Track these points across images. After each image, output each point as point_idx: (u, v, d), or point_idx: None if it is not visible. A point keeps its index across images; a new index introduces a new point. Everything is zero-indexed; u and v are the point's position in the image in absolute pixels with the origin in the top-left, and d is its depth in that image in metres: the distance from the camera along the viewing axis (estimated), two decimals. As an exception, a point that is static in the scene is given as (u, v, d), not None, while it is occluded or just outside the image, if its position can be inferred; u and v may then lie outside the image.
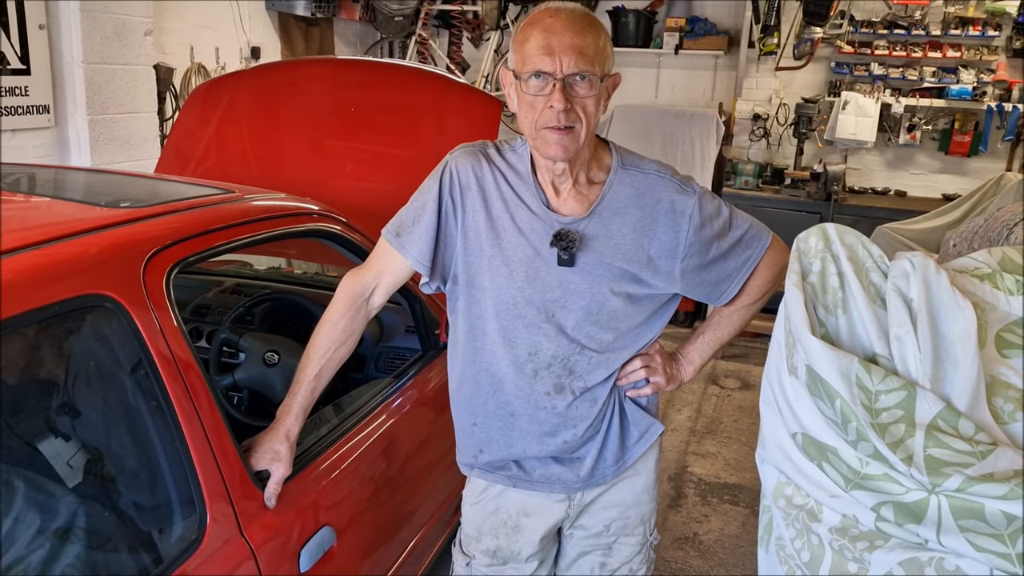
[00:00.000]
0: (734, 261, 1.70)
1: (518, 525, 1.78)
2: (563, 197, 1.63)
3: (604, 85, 1.54)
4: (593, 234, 1.61)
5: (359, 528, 1.83)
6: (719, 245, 1.67)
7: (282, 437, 1.63)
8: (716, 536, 3.36)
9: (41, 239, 1.32)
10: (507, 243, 1.63)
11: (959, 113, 5.93)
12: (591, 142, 1.60)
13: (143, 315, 1.37)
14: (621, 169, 1.64)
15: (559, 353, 1.65)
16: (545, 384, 1.67)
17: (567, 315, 1.64)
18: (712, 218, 1.66)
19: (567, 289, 1.62)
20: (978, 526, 1.16)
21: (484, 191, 1.65)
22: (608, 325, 1.66)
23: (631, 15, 6.42)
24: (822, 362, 1.31)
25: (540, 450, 1.72)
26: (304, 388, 1.69)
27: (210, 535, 1.39)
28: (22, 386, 1.30)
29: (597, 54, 1.50)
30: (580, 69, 1.48)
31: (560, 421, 1.70)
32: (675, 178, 1.66)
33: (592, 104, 1.51)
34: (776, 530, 1.47)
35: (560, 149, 1.53)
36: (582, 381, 1.68)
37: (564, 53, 1.47)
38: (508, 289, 1.64)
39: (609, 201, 1.62)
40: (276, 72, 3.55)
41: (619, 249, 1.62)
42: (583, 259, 1.61)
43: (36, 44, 3.48)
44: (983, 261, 1.43)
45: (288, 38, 5.65)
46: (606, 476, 1.77)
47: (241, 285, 2.84)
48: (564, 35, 1.48)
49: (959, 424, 1.23)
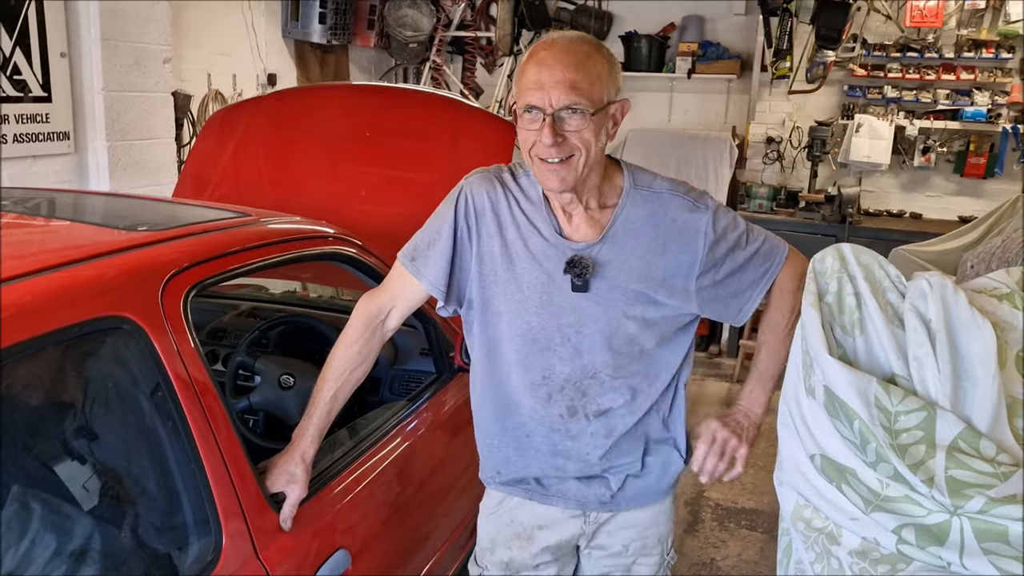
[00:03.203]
0: (751, 275, 1.67)
1: (531, 537, 1.79)
2: (575, 223, 1.63)
3: (606, 113, 1.53)
4: (606, 259, 1.61)
5: (374, 551, 1.82)
6: (734, 259, 1.65)
7: (298, 459, 1.63)
8: (734, 561, 3.32)
9: (61, 262, 1.33)
10: (520, 269, 1.64)
11: (974, 135, 5.92)
12: (599, 168, 1.59)
13: (161, 337, 1.38)
14: (634, 190, 1.64)
15: (572, 376, 1.66)
16: (559, 407, 1.68)
17: (582, 339, 1.64)
18: (726, 233, 1.64)
19: (582, 314, 1.62)
20: (1002, 548, 1.15)
21: (499, 217, 1.66)
22: (623, 350, 1.65)
23: (643, 40, 6.47)
24: (840, 382, 1.31)
25: (556, 471, 1.73)
26: (320, 410, 1.70)
27: (226, 557, 1.38)
28: (41, 407, 1.31)
29: (593, 85, 1.48)
30: (570, 103, 1.47)
31: (574, 444, 1.70)
32: (688, 196, 1.65)
33: (590, 134, 1.50)
34: (795, 554, 1.45)
35: (556, 180, 1.53)
36: (595, 404, 1.67)
37: (554, 88, 1.46)
38: (522, 314, 1.65)
39: (622, 224, 1.62)
40: (292, 98, 3.59)
41: (633, 272, 1.61)
42: (597, 285, 1.61)
43: (57, 72, 3.54)
44: (1001, 281, 1.42)
45: (304, 65, 5.72)
46: (623, 505, 1.77)
47: (257, 309, 2.86)
48: (555, 69, 1.47)
49: (980, 445, 1.22)
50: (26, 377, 1.25)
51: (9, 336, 1.16)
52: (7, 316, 1.17)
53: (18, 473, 1.30)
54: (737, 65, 6.33)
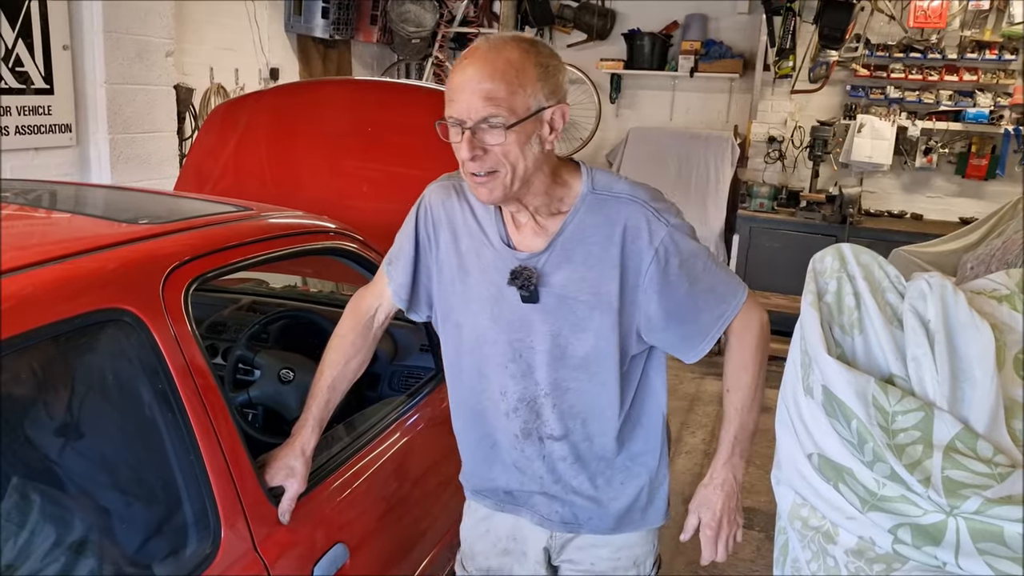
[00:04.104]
0: (707, 314, 1.55)
1: (507, 549, 1.76)
2: (524, 232, 1.55)
3: (537, 121, 1.41)
4: (552, 270, 1.51)
5: (372, 546, 1.82)
6: (687, 288, 1.51)
7: (297, 452, 1.63)
8: (730, 560, 3.30)
9: (62, 254, 1.34)
10: (473, 280, 1.59)
11: (976, 136, 5.92)
12: (541, 176, 1.47)
13: (161, 329, 1.38)
14: (591, 195, 1.51)
15: (525, 396, 1.59)
16: (515, 426, 1.62)
17: (533, 356, 1.56)
18: (682, 255, 1.50)
19: (531, 329, 1.54)
20: (997, 549, 1.15)
21: (454, 226, 1.61)
22: (577, 370, 1.56)
23: (646, 38, 6.47)
24: (838, 382, 1.31)
25: (520, 485, 1.69)
26: (318, 402, 1.70)
27: (224, 549, 1.39)
28: (42, 398, 1.31)
29: (513, 95, 1.36)
30: (486, 115, 1.36)
31: (529, 465, 1.65)
32: (650, 204, 1.51)
33: (513, 147, 1.39)
34: (792, 552, 1.46)
35: (485, 194, 1.44)
36: (548, 427, 1.60)
37: (470, 100, 1.36)
38: (476, 328, 1.60)
39: (572, 231, 1.51)
40: (294, 92, 3.59)
41: (584, 283, 1.51)
42: (545, 297, 1.52)
43: (60, 64, 3.54)
44: (1001, 283, 1.42)
45: (306, 59, 5.72)
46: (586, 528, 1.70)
47: (257, 303, 2.86)
48: (472, 80, 1.37)
49: (977, 446, 1.22)
50: (27, 368, 1.26)
51: (11, 327, 1.16)
52: (9, 307, 1.17)
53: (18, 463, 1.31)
54: (740, 64, 6.33)
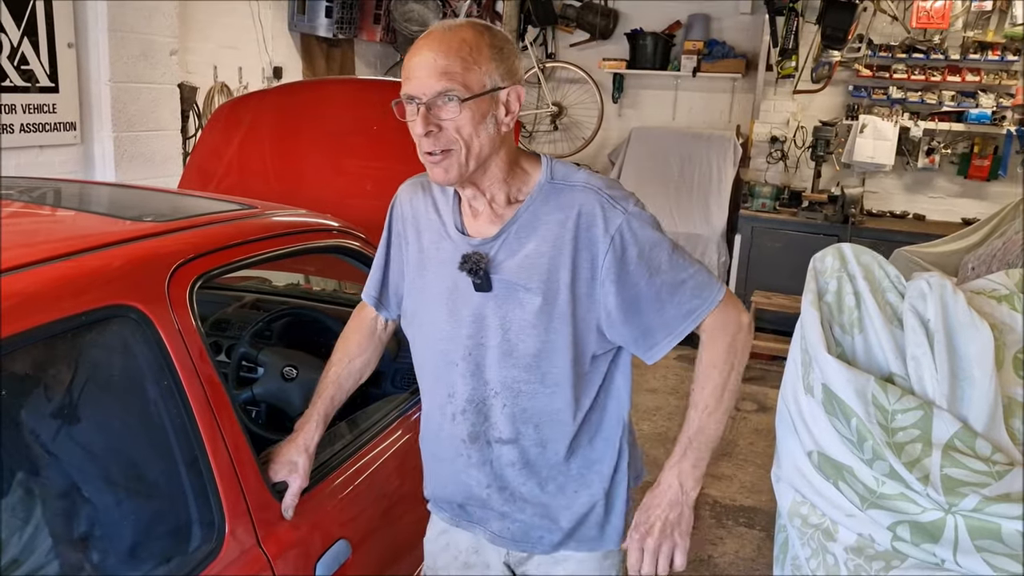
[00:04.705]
0: (673, 309, 1.46)
1: (469, 563, 1.71)
2: (480, 220, 1.51)
3: (492, 100, 1.40)
4: (504, 256, 1.47)
5: (374, 543, 1.83)
6: (648, 280, 1.44)
7: (301, 448, 1.63)
8: (731, 559, 3.33)
9: (69, 251, 1.35)
10: (431, 275, 1.56)
11: (978, 137, 5.92)
12: (499, 160, 1.45)
13: (167, 326, 1.39)
14: (548, 184, 1.48)
15: (474, 396, 1.53)
16: (461, 429, 1.56)
17: (483, 354, 1.51)
18: (641, 244, 1.44)
19: (483, 323, 1.50)
20: (995, 546, 1.16)
21: (418, 222, 1.60)
22: (529, 368, 1.49)
23: (649, 37, 6.48)
24: (838, 381, 1.32)
25: (465, 498, 1.64)
26: (323, 398, 1.71)
27: (228, 545, 1.40)
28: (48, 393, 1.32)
29: (468, 71, 1.36)
30: (440, 89, 1.36)
31: (476, 473, 1.58)
32: (606, 192, 1.45)
33: (467, 125, 1.38)
34: (792, 549, 1.47)
35: (440, 174, 1.42)
36: (497, 431, 1.54)
37: (426, 75, 1.36)
38: (434, 325, 1.56)
39: (526, 219, 1.47)
40: (298, 91, 3.60)
41: (535, 268, 1.45)
42: (497, 284, 1.48)
43: (64, 63, 3.55)
44: (1001, 283, 1.43)
45: (310, 58, 5.73)
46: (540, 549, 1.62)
47: (260, 301, 2.87)
48: (427, 56, 1.37)
49: (976, 444, 1.23)
50: (35, 364, 1.27)
51: (19, 323, 1.17)
52: (16, 304, 1.19)
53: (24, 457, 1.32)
54: (742, 64, 6.33)
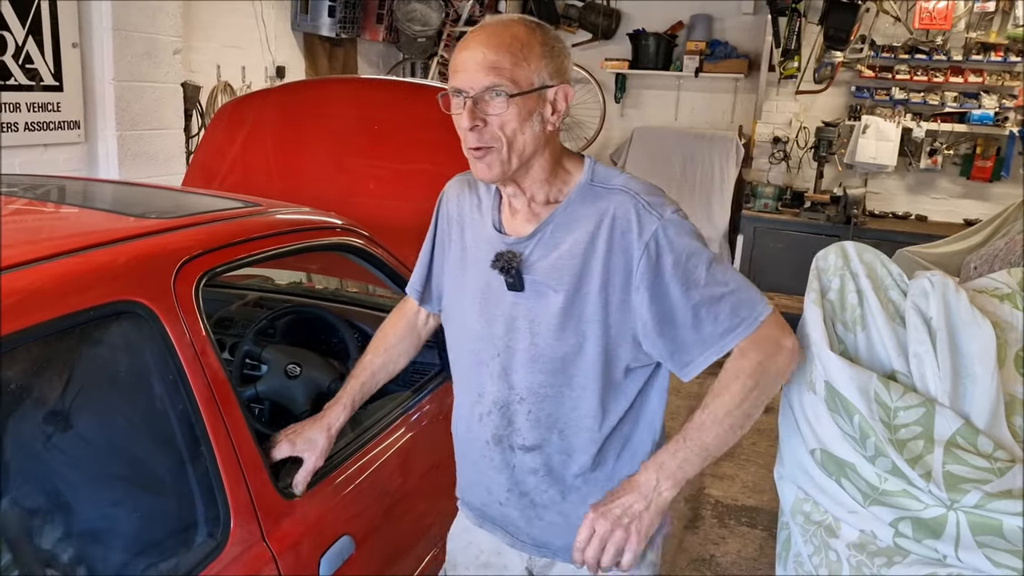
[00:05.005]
0: (709, 326, 1.37)
1: (488, 563, 1.69)
2: (518, 219, 1.50)
3: (540, 98, 1.38)
4: (537, 257, 1.45)
5: (378, 539, 1.84)
6: (685, 293, 1.37)
7: (323, 428, 1.66)
8: (733, 558, 3.34)
9: (77, 247, 1.35)
10: (471, 272, 1.55)
11: (981, 138, 5.92)
12: (542, 160, 1.44)
13: (173, 322, 1.40)
14: (588, 186, 1.45)
15: (499, 399, 1.52)
16: (487, 431, 1.55)
17: (511, 356, 1.49)
18: (677, 252, 1.38)
19: (513, 325, 1.48)
20: (996, 542, 1.17)
21: (463, 219, 1.59)
22: (556, 372, 1.46)
23: (651, 38, 6.48)
24: (841, 378, 1.33)
25: (484, 501, 1.63)
26: (353, 383, 1.74)
27: (233, 540, 1.41)
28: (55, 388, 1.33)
29: (517, 66, 1.35)
30: (489, 84, 1.35)
31: (498, 477, 1.57)
32: (643, 197, 1.41)
33: (513, 121, 1.36)
34: (794, 547, 1.48)
35: (483, 169, 1.41)
36: (521, 437, 1.51)
37: (474, 69, 1.35)
38: (466, 321, 1.56)
39: (561, 219, 1.45)
40: (301, 90, 3.61)
41: (566, 271, 1.42)
42: (529, 285, 1.46)
43: (69, 62, 3.56)
44: (1003, 282, 1.44)
45: (313, 58, 5.74)
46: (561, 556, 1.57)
47: (263, 299, 2.88)
48: (476, 50, 1.36)
49: (978, 441, 1.24)
50: (42, 359, 1.28)
51: (26, 319, 1.18)
52: (25, 299, 1.20)
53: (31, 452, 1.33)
54: (745, 64, 6.34)
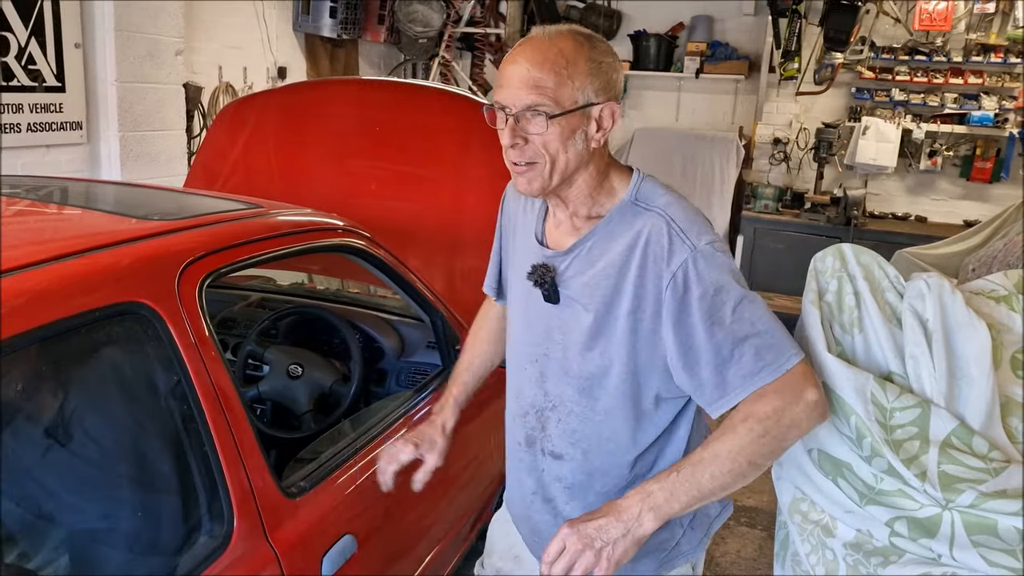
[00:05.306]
0: (732, 369, 1.31)
1: (519, 556, 1.72)
2: (560, 231, 1.49)
3: (584, 116, 1.35)
4: (573, 273, 1.44)
5: (379, 538, 1.85)
6: (708, 331, 1.32)
7: (439, 429, 1.70)
8: (732, 558, 3.35)
9: (81, 248, 1.37)
10: (517, 278, 1.58)
11: (980, 140, 5.93)
12: (586, 175, 1.41)
13: (177, 323, 1.41)
14: (631, 204, 1.41)
15: (535, 403, 1.53)
16: (522, 431, 1.57)
17: (547, 364, 1.50)
18: (705, 288, 1.32)
19: (548, 335, 1.49)
20: (991, 541, 1.18)
21: (516, 223, 1.61)
22: (583, 391, 1.46)
23: (652, 39, 6.50)
24: (838, 379, 1.34)
25: (513, 499, 1.66)
26: (457, 384, 1.78)
27: (236, 539, 1.42)
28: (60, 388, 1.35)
29: (561, 86, 1.31)
30: (530, 103, 1.32)
31: (527, 479, 1.59)
32: (678, 223, 1.37)
33: (555, 141, 1.34)
34: (792, 546, 1.49)
35: (523, 184, 1.39)
36: (551, 444, 1.52)
37: (517, 86, 1.33)
38: (514, 325, 1.61)
39: (600, 238, 1.42)
40: (303, 92, 3.63)
41: (598, 291, 1.41)
42: (564, 300, 1.46)
43: (71, 63, 3.57)
44: (999, 283, 1.45)
45: (314, 59, 5.75)
46: None
47: (265, 300, 2.89)
48: (521, 65, 1.33)
49: (973, 442, 1.25)
50: (48, 359, 1.29)
51: (33, 319, 1.20)
52: (30, 300, 1.21)
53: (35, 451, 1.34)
54: (745, 66, 6.35)
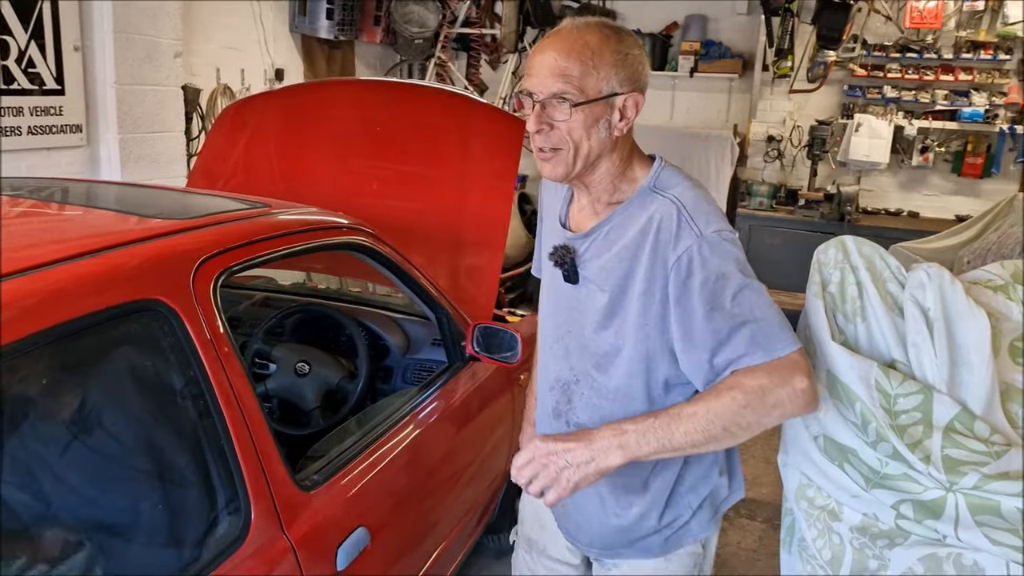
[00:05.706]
0: (723, 354, 1.36)
1: (545, 524, 1.79)
2: (582, 214, 1.56)
3: (607, 105, 1.40)
4: (592, 255, 1.51)
5: (392, 530, 1.88)
6: (707, 315, 1.37)
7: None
8: (733, 550, 3.38)
9: (99, 247, 1.39)
10: (545, 260, 1.63)
11: (971, 135, 5.98)
12: (609, 163, 1.46)
13: (193, 319, 1.44)
14: (650, 191, 1.47)
15: (561, 376, 1.61)
16: (550, 403, 1.65)
17: (571, 340, 1.58)
18: (708, 275, 1.37)
19: (571, 314, 1.56)
20: (994, 521, 1.21)
21: (549, 206, 1.67)
22: (600, 365, 1.53)
23: (647, 38, 6.52)
24: (842, 367, 1.37)
25: None
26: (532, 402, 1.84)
27: (254, 532, 1.44)
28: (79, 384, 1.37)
29: (586, 75, 1.36)
30: (556, 91, 1.37)
31: None
32: (688, 209, 1.42)
33: (578, 128, 1.39)
34: (798, 531, 1.52)
35: (548, 169, 1.45)
36: (576, 416, 1.59)
37: (544, 74, 1.38)
38: (544, 302, 1.69)
39: (618, 222, 1.48)
40: (303, 93, 3.65)
41: (613, 274, 1.47)
42: (583, 280, 1.53)
43: (71, 65, 3.58)
44: (997, 273, 1.49)
45: (311, 60, 5.77)
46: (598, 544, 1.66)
47: (269, 299, 2.91)
48: (548, 54, 1.38)
49: (975, 426, 1.29)
50: (68, 357, 1.31)
51: (54, 317, 1.22)
52: (50, 298, 1.23)
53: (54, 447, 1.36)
54: (739, 64, 6.39)
